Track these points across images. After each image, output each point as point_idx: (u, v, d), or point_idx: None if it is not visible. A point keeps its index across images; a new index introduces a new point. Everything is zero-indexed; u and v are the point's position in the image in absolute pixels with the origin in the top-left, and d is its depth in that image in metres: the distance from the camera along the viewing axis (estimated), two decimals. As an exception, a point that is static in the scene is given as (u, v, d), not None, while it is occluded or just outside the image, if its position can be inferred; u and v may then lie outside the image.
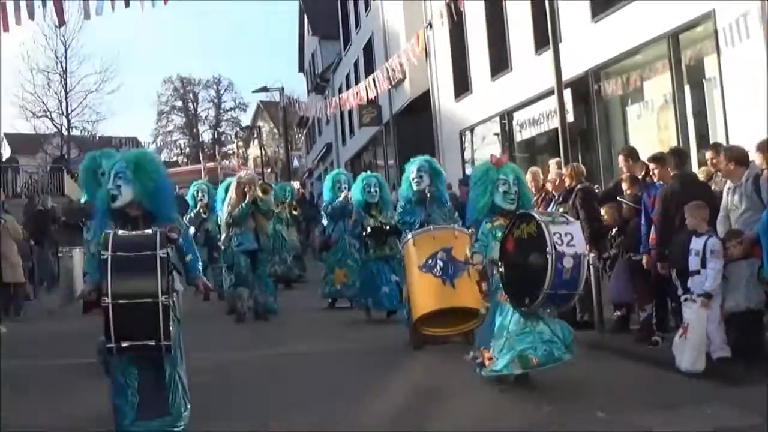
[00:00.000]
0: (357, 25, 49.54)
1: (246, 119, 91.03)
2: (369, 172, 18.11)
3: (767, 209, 10.38)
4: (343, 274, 18.38)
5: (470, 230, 11.07)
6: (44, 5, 20.87)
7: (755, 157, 11.35)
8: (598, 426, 8.81)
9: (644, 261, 12.36)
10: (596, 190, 15.10)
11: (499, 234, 10.11)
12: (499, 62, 28.13)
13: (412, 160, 14.64)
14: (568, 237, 9.31)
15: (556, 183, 14.99)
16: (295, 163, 69.69)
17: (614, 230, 13.51)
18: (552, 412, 9.43)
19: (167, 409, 8.10)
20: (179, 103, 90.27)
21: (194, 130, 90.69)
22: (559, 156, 17.04)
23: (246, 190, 16.89)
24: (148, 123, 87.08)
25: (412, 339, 13.39)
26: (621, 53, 20.82)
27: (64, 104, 60.80)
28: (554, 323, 9.92)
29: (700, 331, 10.67)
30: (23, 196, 38.03)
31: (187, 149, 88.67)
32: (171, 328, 7.63)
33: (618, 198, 13.71)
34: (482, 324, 11.12)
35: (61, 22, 24.48)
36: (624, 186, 13.76)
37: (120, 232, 7.91)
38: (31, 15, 20.84)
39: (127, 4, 20.80)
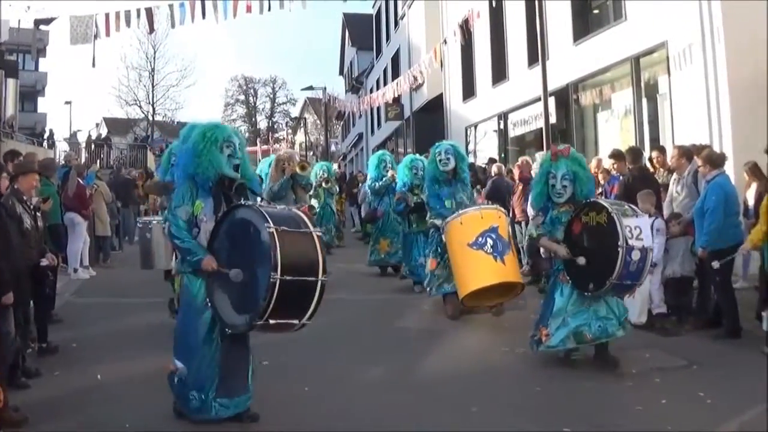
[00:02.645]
0: (387, 40, 49.50)
1: (295, 111, 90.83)
2: (416, 155, 16.09)
3: (701, 198, 10.60)
4: (387, 243, 17.00)
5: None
6: (138, 16, 21.31)
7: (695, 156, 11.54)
8: (559, 363, 9.09)
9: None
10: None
11: (565, 219, 9.09)
12: (499, 73, 28.14)
13: (438, 143, 13.30)
14: (637, 230, 8.37)
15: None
16: (333, 148, 69.45)
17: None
18: (524, 352, 9.58)
19: (248, 387, 7.05)
20: (242, 97, 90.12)
21: (253, 119, 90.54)
22: (543, 150, 17.25)
23: (284, 166, 15.08)
24: (217, 112, 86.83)
25: (450, 310, 12.19)
26: (595, 71, 20.91)
27: (150, 95, 61.91)
28: (611, 300, 8.94)
29: (645, 292, 10.91)
30: (114, 167, 38.66)
31: (247, 134, 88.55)
32: (319, 307, 6.42)
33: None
34: (541, 303, 9.78)
35: (152, 29, 24.59)
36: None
37: (262, 204, 6.74)
38: (128, 23, 21.28)
39: (204, 17, 21.10)
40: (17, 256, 8.02)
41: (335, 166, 31.12)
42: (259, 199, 7.43)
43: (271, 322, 6.20)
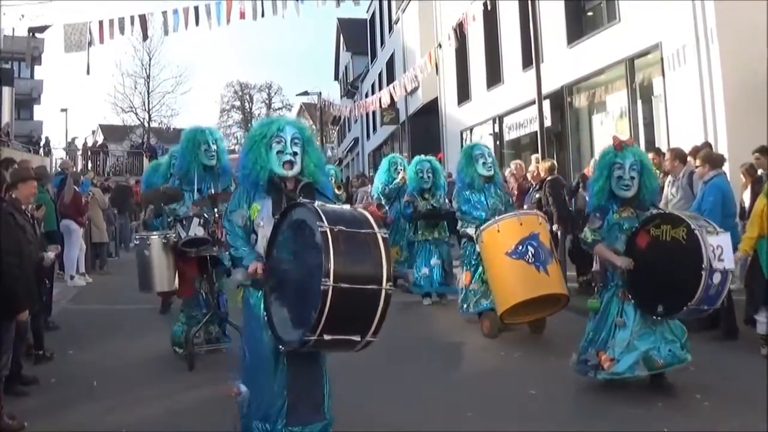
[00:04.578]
0: (382, 44, 49.61)
1: (291, 117, 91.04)
2: (423, 156, 14.57)
3: (696, 199, 10.58)
4: (396, 250, 15.11)
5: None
6: (132, 23, 21.33)
7: (690, 159, 11.55)
8: (556, 365, 8.97)
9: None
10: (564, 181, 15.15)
11: (627, 226, 8.00)
12: (494, 76, 28.20)
13: (472, 144, 12.20)
14: (719, 250, 7.29)
15: (534, 174, 15.25)
16: (329, 153, 69.57)
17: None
18: (521, 356, 9.83)
19: (322, 412, 6.10)
20: (237, 103, 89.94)
21: (249, 125, 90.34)
22: (538, 153, 17.27)
23: None
24: (212, 118, 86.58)
25: (487, 328, 11.13)
26: (589, 73, 20.97)
27: (146, 102, 61.73)
28: (673, 322, 7.95)
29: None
30: (110, 175, 38.99)
31: (243, 140, 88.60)
32: (384, 322, 5.34)
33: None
34: (593, 322, 8.37)
35: (146, 36, 24.54)
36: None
37: (317, 203, 5.45)
38: (122, 31, 21.32)
39: (197, 23, 21.09)
40: (30, 267, 7.96)
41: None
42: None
43: (326, 338, 5.18)
